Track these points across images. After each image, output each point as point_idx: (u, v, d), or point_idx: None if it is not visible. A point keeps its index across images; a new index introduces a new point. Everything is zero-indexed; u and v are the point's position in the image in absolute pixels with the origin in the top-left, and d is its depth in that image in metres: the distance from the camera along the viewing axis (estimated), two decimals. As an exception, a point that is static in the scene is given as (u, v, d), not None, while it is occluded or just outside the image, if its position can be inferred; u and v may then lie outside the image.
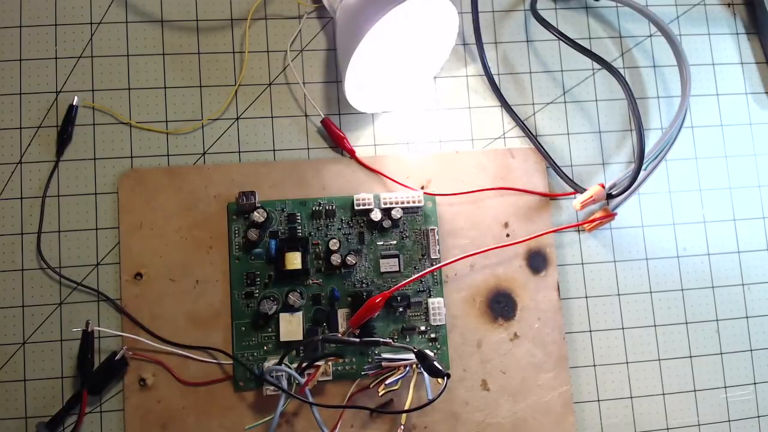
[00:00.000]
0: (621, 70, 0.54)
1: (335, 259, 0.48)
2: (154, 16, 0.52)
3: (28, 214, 0.49)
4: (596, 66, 0.54)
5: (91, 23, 0.52)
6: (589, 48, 0.52)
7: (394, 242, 0.50)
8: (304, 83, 0.53)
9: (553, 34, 0.52)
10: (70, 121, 0.50)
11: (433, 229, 0.50)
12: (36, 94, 0.51)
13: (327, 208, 0.50)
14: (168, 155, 0.51)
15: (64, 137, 0.50)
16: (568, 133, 0.54)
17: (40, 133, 0.50)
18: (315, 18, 0.54)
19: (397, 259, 0.49)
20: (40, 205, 0.49)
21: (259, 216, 0.48)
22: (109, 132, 0.51)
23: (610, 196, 0.51)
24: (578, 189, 0.52)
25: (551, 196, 0.52)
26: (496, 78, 0.54)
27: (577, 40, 0.52)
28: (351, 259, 0.48)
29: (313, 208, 0.50)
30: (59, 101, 0.51)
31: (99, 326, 0.48)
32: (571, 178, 0.52)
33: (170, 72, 0.52)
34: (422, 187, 0.51)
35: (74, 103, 0.50)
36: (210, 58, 0.52)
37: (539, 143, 0.53)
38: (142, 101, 0.51)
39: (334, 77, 0.53)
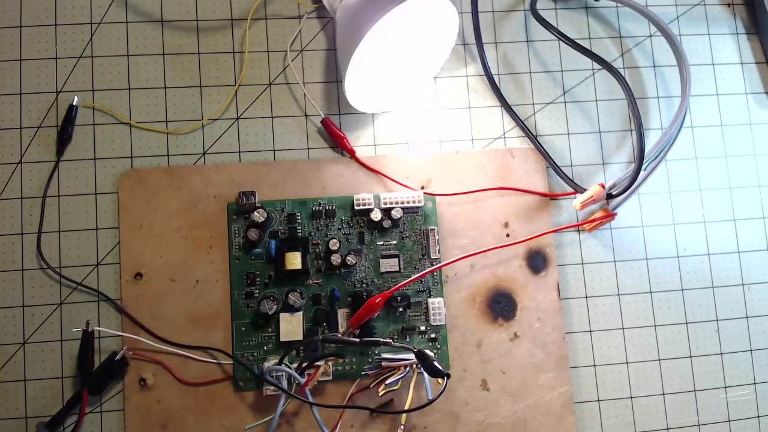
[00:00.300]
0: (621, 70, 0.54)
1: (335, 259, 0.48)
2: (154, 16, 0.52)
3: (28, 214, 0.49)
4: (596, 66, 0.54)
5: (91, 23, 0.52)
6: (589, 48, 0.52)
7: (394, 242, 0.50)
8: (304, 83, 0.53)
9: (553, 34, 0.52)
10: (70, 121, 0.50)
11: (433, 229, 0.50)
12: (36, 94, 0.51)
13: (327, 208, 0.50)
14: (168, 155, 0.51)
15: (64, 137, 0.50)
16: (568, 133, 0.54)
17: (40, 133, 0.50)
18: (315, 18, 0.54)
19: (397, 259, 0.49)
20: (40, 205, 0.49)
21: (259, 216, 0.48)
22: (109, 132, 0.51)
23: (610, 196, 0.51)
24: (578, 189, 0.52)
25: (551, 196, 0.52)
26: (496, 78, 0.54)
27: (577, 40, 0.51)
28: (351, 259, 0.48)
29: (313, 208, 0.50)
30: (59, 101, 0.51)
31: (99, 326, 0.48)
32: (571, 178, 0.52)
33: (170, 72, 0.52)
34: (422, 187, 0.51)
35: (74, 103, 0.50)
36: (210, 58, 0.52)
37: (539, 143, 0.53)
38: (142, 101, 0.51)
39: (334, 77, 0.53)
